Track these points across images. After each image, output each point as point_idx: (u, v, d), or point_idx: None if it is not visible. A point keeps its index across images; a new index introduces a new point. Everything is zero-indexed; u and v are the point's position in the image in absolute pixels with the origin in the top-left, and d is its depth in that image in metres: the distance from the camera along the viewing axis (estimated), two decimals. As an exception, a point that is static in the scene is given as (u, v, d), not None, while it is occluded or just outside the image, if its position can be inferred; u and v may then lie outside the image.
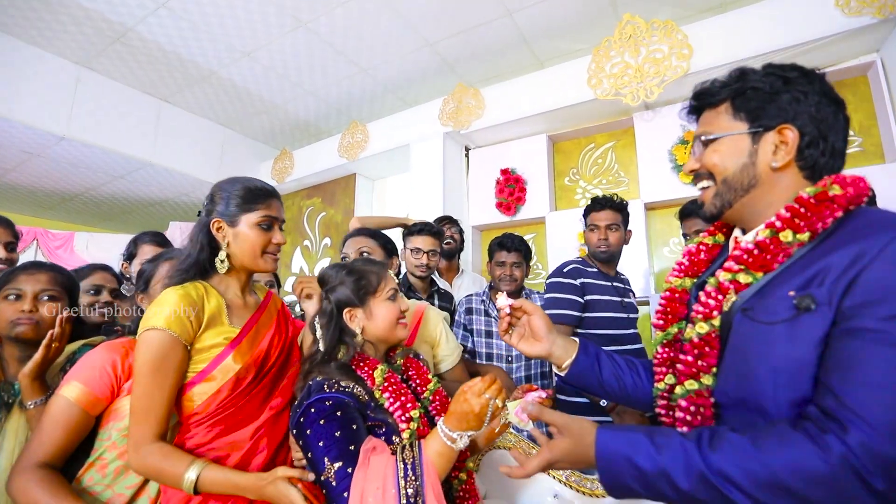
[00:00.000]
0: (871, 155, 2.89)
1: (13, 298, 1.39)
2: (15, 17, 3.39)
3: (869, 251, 0.68)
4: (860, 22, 2.60)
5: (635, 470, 0.74)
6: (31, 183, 5.04)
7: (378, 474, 0.95)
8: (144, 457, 1.06)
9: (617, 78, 3.26)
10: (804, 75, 0.84)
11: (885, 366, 0.63)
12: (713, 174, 0.88)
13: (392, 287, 1.26)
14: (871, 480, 0.60)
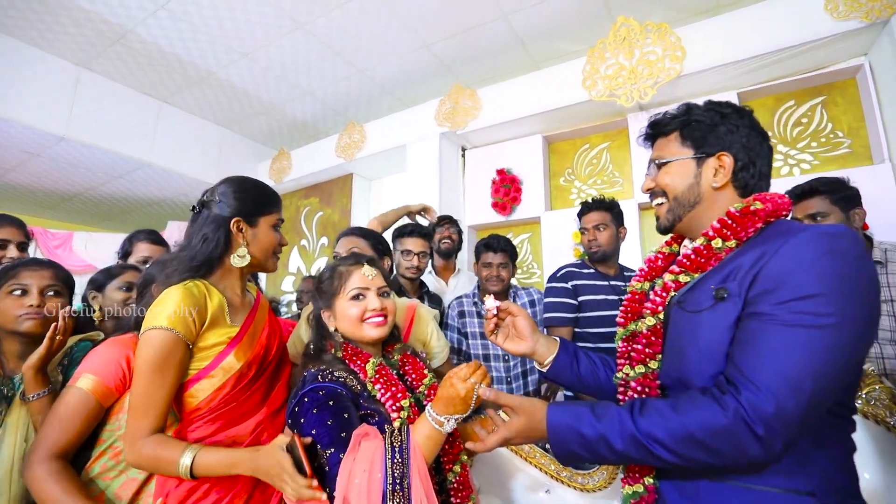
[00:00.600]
0: (860, 156, 2.94)
1: (19, 293, 1.41)
2: (15, 19, 3.42)
3: (768, 252, 0.83)
4: (848, 26, 2.65)
5: (580, 437, 0.88)
6: (30, 183, 5.06)
7: (366, 457, 0.99)
8: (140, 449, 1.09)
9: (611, 79, 3.30)
10: (736, 112, 1.00)
11: (773, 341, 0.78)
12: (666, 192, 1.04)
13: (357, 287, 1.26)
14: (755, 428, 0.75)
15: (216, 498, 1.14)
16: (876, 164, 2.82)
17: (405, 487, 0.97)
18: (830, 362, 0.75)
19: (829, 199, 1.85)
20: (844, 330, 0.76)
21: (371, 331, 1.24)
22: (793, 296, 0.78)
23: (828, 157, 3.03)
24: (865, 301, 0.78)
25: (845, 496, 0.83)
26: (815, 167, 3.05)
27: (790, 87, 3.15)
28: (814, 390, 0.74)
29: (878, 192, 2.72)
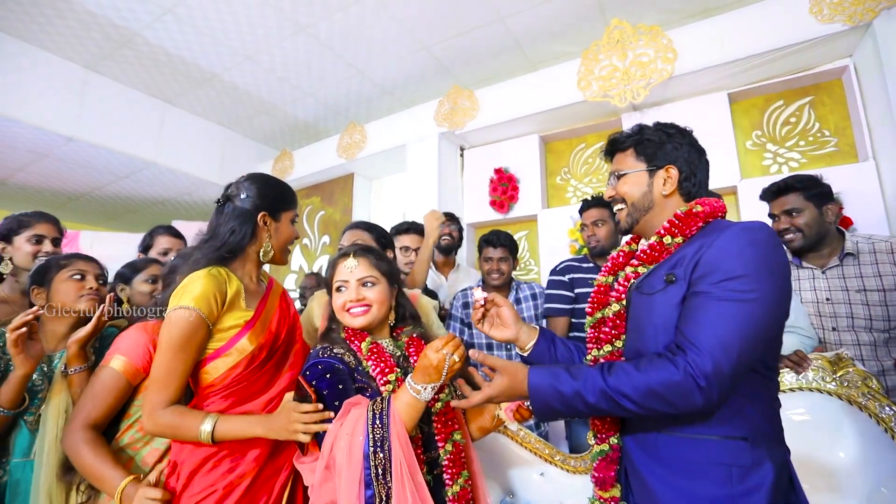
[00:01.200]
0: (846, 155, 3.03)
1: (79, 278, 1.62)
2: (26, 23, 3.52)
3: (706, 244, 1.03)
4: (832, 28, 2.74)
5: (558, 393, 1.02)
6: (38, 183, 5.16)
7: (351, 422, 1.11)
8: (159, 418, 1.20)
9: (605, 80, 3.40)
10: (680, 132, 1.21)
11: (710, 313, 0.96)
12: (625, 200, 1.22)
13: (339, 279, 1.37)
14: (699, 381, 0.92)
15: (229, 466, 1.24)
16: (861, 161, 2.91)
17: (386, 450, 1.08)
18: (753, 328, 0.94)
19: (803, 195, 1.95)
20: (763, 303, 0.95)
21: (351, 320, 1.33)
22: (724, 277, 0.97)
23: (815, 155, 3.12)
24: (778, 280, 0.98)
25: (771, 441, 1.01)
26: (803, 165, 3.14)
27: (779, 87, 3.24)
28: (740, 350, 0.93)
29: (863, 189, 2.82)
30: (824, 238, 1.98)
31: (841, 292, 1.93)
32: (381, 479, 1.07)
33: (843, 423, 1.66)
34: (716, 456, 0.98)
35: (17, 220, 1.96)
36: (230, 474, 1.24)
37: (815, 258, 2.02)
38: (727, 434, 0.98)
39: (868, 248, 1.93)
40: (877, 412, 1.59)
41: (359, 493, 1.06)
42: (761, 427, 1.00)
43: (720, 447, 0.98)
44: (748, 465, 0.96)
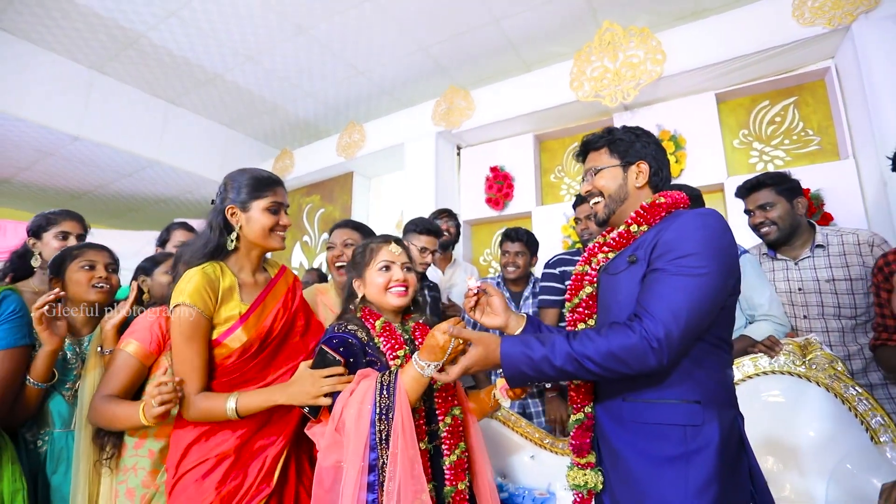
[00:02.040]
0: (828, 153, 3.14)
1: (88, 268, 1.72)
2: (33, 24, 3.62)
3: (663, 228, 1.16)
4: (813, 31, 2.85)
5: (528, 359, 1.12)
6: (42, 181, 5.26)
7: (361, 392, 1.24)
8: (195, 404, 1.33)
9: (597, 81, 3.51)
10: (645, 133, 1.35)
11: (664, 286, 1.09)
12: (602, 192, 1.33)
13: (385, 260, 1.49)
14: (652, 344, 1.04)
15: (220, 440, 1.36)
16: (842, 159, 3.02)
17: (389, 418, 1.21)
18: (701, 299, 1.07)
19: (774, 190, 2.06)
20: (711, 277, 1.07)
21: (394, 299, 1.47)
22: (677, 255, 1.10)
23: (799, 153, 3.23)
24: (725, 259, 1.11)
25: (722, 404, 1.12)
26: (788, 163, 3.25)
27: (764, 88, 3.35)
28: (688, 318, 1.05)
29: (843, 186, 2.94)
30: (797, 230, 2.09)
31: (812, 282, 2.04)
32: (383, 443, 1.20)
33: (812, 404, 1.76)
34: (672, 418, 1.09)
35: (45, 218, 2.09)
36: (220, 447, 1.36)
37: (788, 250, 2.13)
38: (682, 398, 1.09)
39: (837, 241, 2.04)
40: (842, 392, 1.70)
41: (364, 455, 1.18)
42: (712, 391, 1.11)
43: (676, 410, 1.09)
44: (699, 424, 1.07)
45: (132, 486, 1.43)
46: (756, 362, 1.86)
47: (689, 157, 3.42)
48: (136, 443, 1.48)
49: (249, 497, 1.33)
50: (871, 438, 1.63)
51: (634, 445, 1.13)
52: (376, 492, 1.18)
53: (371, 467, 1.19)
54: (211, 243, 1.46)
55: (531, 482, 2.17)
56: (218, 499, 1.29)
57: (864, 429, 1.65)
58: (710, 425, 1.07)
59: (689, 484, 1.04)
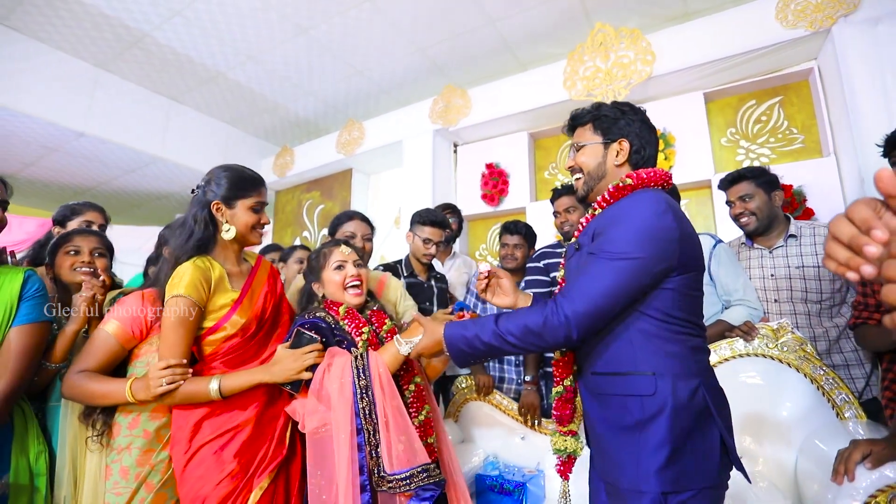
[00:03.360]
0: (811, 151, 3.25)
1: (73, 253, 1.77)
2: (41, 23, 3.72)
3: (609, 209, 1.24)
4: (796, 34, 2.96)
5: (463, 338, 1.23)
6: (47, 177, 5.35)
7: (339, 366, 1.42)
8: (178, 391, 1.39)
9: (589, 80, 3.61)
10: (632, 110, 1.34)
11: (588, 269, 1.17)
12: (582, 169, 1.36)
13: (338, 259, 1.67)
14: (558, 319, 1.13)
15: (233, 414, 1.45)
16: (825, 156, 3.14)
17: (369, 395, 1.39)
18: (618, 283, 1.12)
19: (754, 183, 2.18)
20: (633, 262, 1.12)
21: (351, 300, 1.64)
22: (605, 239, 1.17)
23: (783, 151, 3.34)
24: (653, 243, 1.13)
25: (680, 376, 1.15)
26: (773, 160, 3.36)
27: (751, 87, 3.47)
28: (601, 299, 1.12)
29: (824, 182, 3.05)
30: (773, 221, 2.21)
31: (783, 269, 2.16)
32: (367, 417, 1.37)
33: (784, 384, 1.88)
34: (629, 388, 1.16)
35: (70, 209, 2.20)
36: (237, 419, 1.45)
37: (764, 240, 2.25)
38: (636, 370, 1.17)
39: (809, 232, 2.16)
40: (811, 373, 1.81)
41: (351, 421, 1.36)
42: (667, 364, 1.15)
43: (632, 381, 1.16)
44: (652, 394, 1.13)
45: (126, 465, 1.46)
46: (733, 346, 1.97)
47: (677, 155, 3.54)
48: (130, 423, 1.50)
49: (267, 462, 1.43)
50: (836, 415, 1.75)
51: (603, 415, 1.21)
52: (364, 450, 1.35)
53: (358, 430, 1.35)
54: (195, 236, 1.52)
55: (522, 461, 2.29)
56: (238, 466, 1.39)
57: (830, 406, 1.77)
58: (664, 395, 1.12)
59: (642, 448, 1.12)
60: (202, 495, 1.36)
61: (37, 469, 1.45)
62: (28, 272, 1.49)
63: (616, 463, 1.17)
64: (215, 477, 1.37)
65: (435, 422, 1.61)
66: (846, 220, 0.49)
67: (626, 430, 1.15)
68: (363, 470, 1.33)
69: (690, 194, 3.60)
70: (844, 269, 0.49)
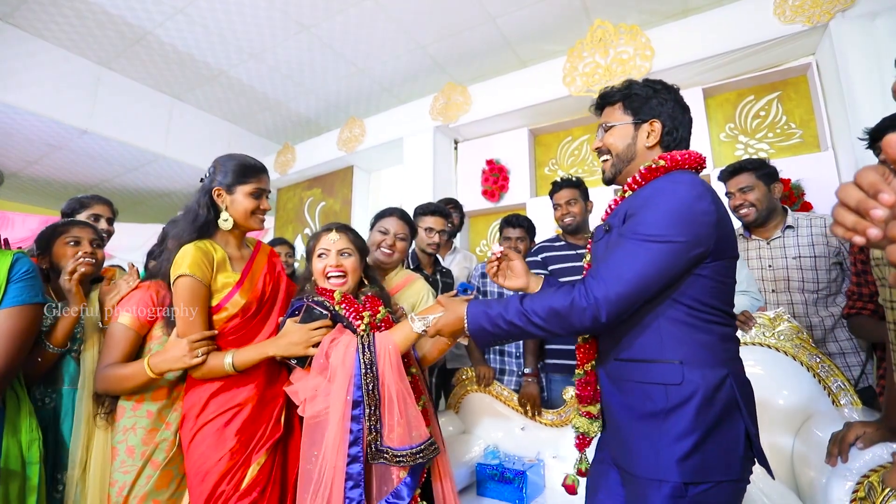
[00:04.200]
0: (810, 145, 3.27)
1: (73, 244, 1.79)
2: (45, 22, 3.75)
3: (641, 192, 1.17)
4: (793, 29, 2.98)
5: (486, 315, 1.20)
6: (49, 175, 5.39)
7: (345, 339, 1.44)
8: (204, 365, 1.47)
9: (588, 76, 3.64)
10: (666, 88, 1.27)
11: (619, 250, 1.12)
12: (610, 151, 1.30)
13: (321, 248, 1.65)
14: (588, 301, 1.08)
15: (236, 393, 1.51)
16: (823, 151, 3.16)
17: (374, 370, 1.39)
18: (652, 265, 1.07)
19: (754, 174, 2.20)
20: (668, 245, 1.07)
21: (324, 282, 1.62)
22: (638, 221, 1.11)
23: (782, 146, 3.37)
24: (689, 227, 1.08)
25: (709, 365, 1.10)
26: (772, 155, 3.38)
27: (750, 83, 3.49)
28: (633, 282, 1.07)
29: (822, 176, 3.07)
30: (772, 213, 2.23)
31: (781, 259, 2.18)
32: (370, 392, 1.37)
33: (782, 372, 1.90)
34: (655, 376, 1.12)
35: (78, 202, 2.24)
36: (238, 397, 1.51)
37: (762, 231, 2.28)
38: (663, 357, 1.12)
39: (806, 223, 2.19)
40: (807, 361, 1.83)
41: (349, 390, 1.37)
42: (695, 352, 1.11)
43: (658, 369, 1.12)
44: (679, 383, 1.08)
45: (132, 444, 1.54)
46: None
47: (676, 150, 3.55)
48: (133, 406, 1.57)
49: (265, 440, 1.49)
50: (832, 402, 1.77)
51: (623, 402, 1.18)
52: (361, 423, 1.35)
53: (356, 403, 1.36)
54: (200, 219, 1.58)
55: (522, 451, 2.31)
56: (238, 443, 1.45)
57: (826, 394, 1.79)
58: (691, 384, 1.08)
59: (663, 436, 1.08)
60: (205, 469, 1.41)
61: (29, 457, 1.44)
62: (17, 254, 1.49)
63: (633, 450, 1.14)
64: (217, 453, 1.43)
65: (428, 412, 1.61)
66: (854, 185, 0.50)
67: (648, 417, 1.12)
68: (358, 441, 1.34)
69: (689, 189, 3.62)
70: (852, 233, 0.50)
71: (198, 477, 1.42)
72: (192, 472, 1.44)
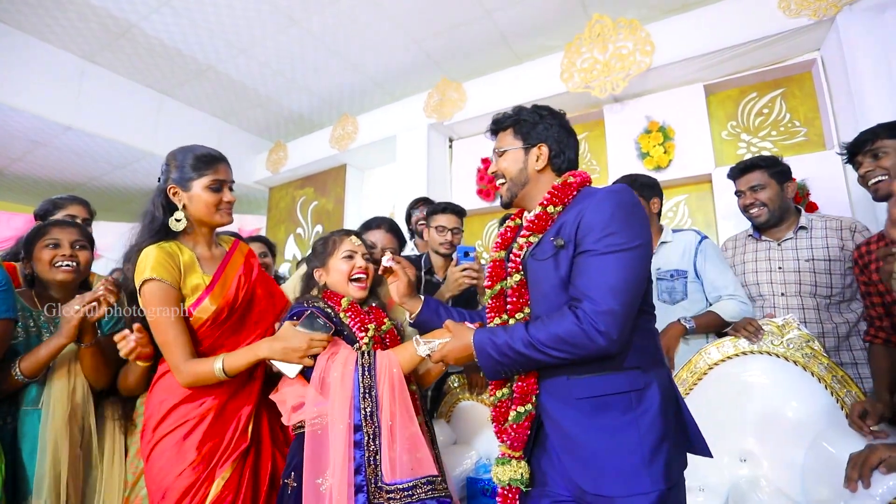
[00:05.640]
0: (814, 144, 3.17)
1: (52, 246, 1.65)
2: (26, 14, 3.62)
3: (583, 209, 1.18)
4: (799, 23, 2.88)
5: (493, 344, 1.17)
6: (34, 172, 5.25)
7: (342, 356, 1.34)
8: (186, 372, 1.37)
9: (586, 72, 3.54)
10: (551, 114, 1.34)
11: (598, 266, 1.12)
12: (504, 175, 1.35)
13: (348, 249, 1.59)
14: (598, 326, 1.06)
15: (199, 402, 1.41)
16: (828, 149, 3.06)
17: (374, 395, 1.32)
18: (635, 272, 1.12)
19: (766, 172, 2.10)
20: (638, 250, 1.13)
21: (356, 293, 1.56)
22: (603, 234, 1.12)
23: (786, 144, 3.26)
24: (644, 231, 1.16)
25: (657, 366, 1.18)
26: (775, 154, 3.27)
27: (752, 79, 3.38)
28: (628, 292, 1.10)
29: (828, 175, 2.97)
30: (785, 214, 2.13)
31: (792, 262, 2.07)
32: (368, 419, 1.30)
33: (790, 383, 1.79)
34: (617, 386, 1.11)
35: (52, 203, 2.12)
36: (200, 408, 1.41)
37: (773, 232, 2.17)
38: (624, 366, 1.13)
39: (821, 225, 2.08)
40: (818, 371, 1.73)
41: (350, 414, 1.30)
42: (648, 354, 1.16)
43: (620, 378, 1.12)
44: (641, 388, 1.11)
45: None
46: (735, 343, 1.89)
47: (677, 148, 3.45)
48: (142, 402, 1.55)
49: (230, 452, 1.40)
50: (845, 415, 1.66)
51: (584, 423, 1.13)
52: (362, 449, 1.28)
53: (356, 427, 1.29)
54: (156, 222, 1.48)
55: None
56: (199, 457, 1.35)
57: (839, 406, 1.68)
58: (651, 387, 1.11)
59: (643, 444, 1.07)
60: (164, 486, 1.33)
61: None
62: None
63: (605, 471, 1.08)
64: (177, 468, 1.34)
65: (423, 433, 1.52)
66: None
67: (617, 431, 1.09)
68: (361, 469, 1.27)
69: (690, 189, 3.52)
70: None
71: (157, 494, 1.33)
72: (152, 490, 1.36)
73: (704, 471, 1.78)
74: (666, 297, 2.17)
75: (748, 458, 1.80)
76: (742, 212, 2.23)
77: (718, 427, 1.69)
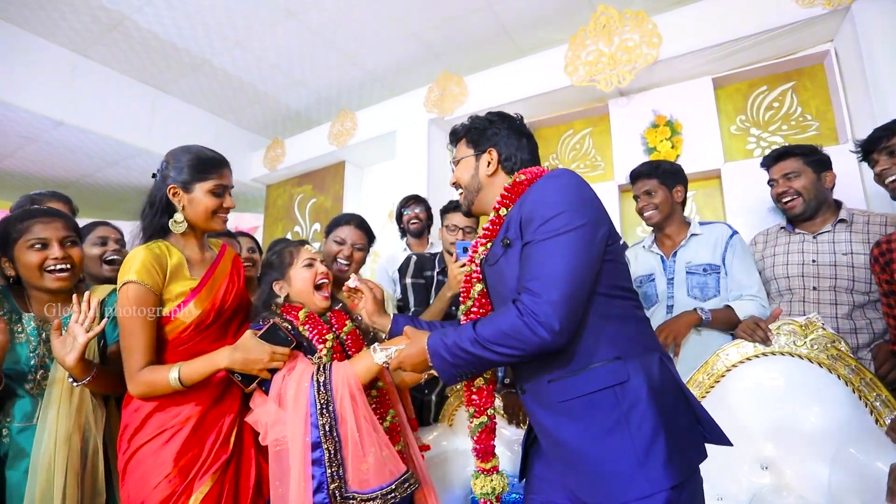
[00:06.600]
0: (827, 138, 3.07)
1: (39, 247, 1.43)
2: (16, 6, 3.51)
3: (524, 200, 1.17)
4: (812, 12, 2.79)
5: (444, 345, 1.14)
6: (26, 169, 5.15)
7: (298, 371, 1.32)
8: (139, 380, 1.30)
9: (592, 65, 3.44)
10: (501, 118, 1.34)
11: (538, 255, 1.08)
12: (460, 184, 1.36)
13: (308, 258, 1.58)
14: (537, 318, 1.02)
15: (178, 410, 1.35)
16: (841, 143, 2.96)
17: (331, 410, 1.28)
18: (578, 256, 1.05)
19: (802, 160, 2.00)
20: (582, 230, 1.07)
21: (321, 302, 1.56)
22: (541, 221, 1.09)
23: (797, 139, 3.16)
24: (590, 210, 1.11)
25: (642, 352, 1.11)
26: (786, 149, 3.18)
27: (762, 72, 3.29)
28: (570, 278, 1.03)
29: (842, 170, 2.85)
30: (822, 205, 2.02)
31: (828, 255, 1.97)
32: (328, 434, 1.26)
33: (814, 386, 1.70)
34: (600, 382, 1.06)
35: (30, 198, 2.02)
36: (178, 416, 1.35)
37: (808, 225, 2.07)
38: (602, 358, 1.08)
39: (863, 220, 1.97)
40: (845, 374, 1.63)
41: (307, 431, 1.26)
42: (628, 342, 1.10)
43: (601, 372, 1.06)
44: (626, 380, 1.05)
45: None
46: (756, 343, 1.79)
47: (685, 143, 3.36)
48: None
49: (209, 464, 1.33)
50: (875, 421, 1.57)
51: (570, 429, 1.08)
52: (323, 466, 1.24)
53: (315, 444, 1.25)
54: (155, 224, 1.45)
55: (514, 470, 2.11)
56: (175, 469, 1.28)
57: (868, 411, 1.58)
58: (637, 377, 1.05)
59: (636, 443, 1.00)
60: (139, 499, 1.26)
61: None
62: None
63: (604, 473, 1.02)
64: (153, 480, 1.27)
65: (401, 426, 1.53)
66: None
67: (607, 432, 1.03)
68: (322, 487, 1.23)
69: (698, 184, 3.42)
70: None
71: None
72: (127, 503, 1.28)
73: (722, 479, 1.69)
74: (697, 294, 2.06)
75: (770, 465, 1.71)
76: (775, 202, 2.13)
77: (738, 432, 1.57)
